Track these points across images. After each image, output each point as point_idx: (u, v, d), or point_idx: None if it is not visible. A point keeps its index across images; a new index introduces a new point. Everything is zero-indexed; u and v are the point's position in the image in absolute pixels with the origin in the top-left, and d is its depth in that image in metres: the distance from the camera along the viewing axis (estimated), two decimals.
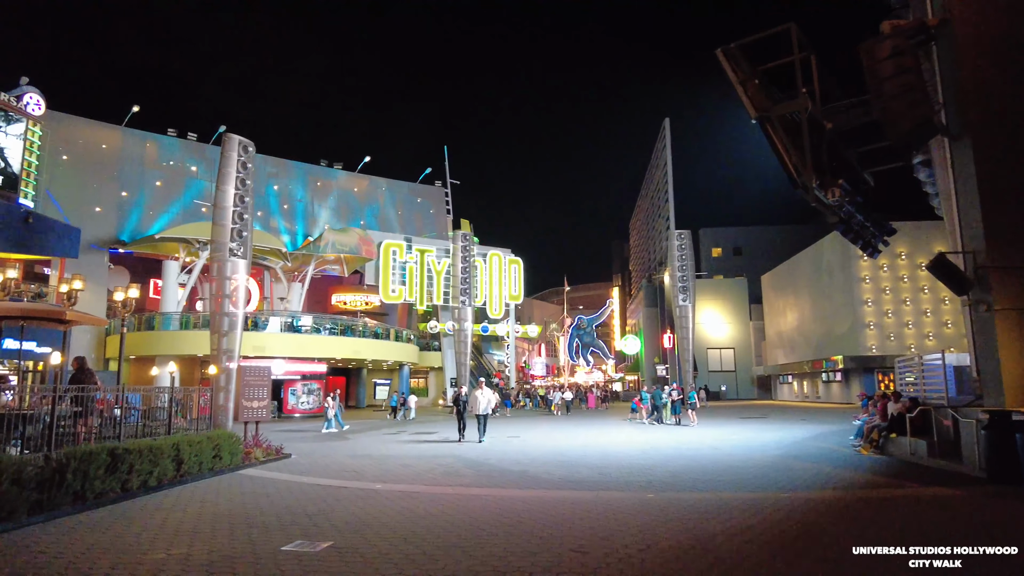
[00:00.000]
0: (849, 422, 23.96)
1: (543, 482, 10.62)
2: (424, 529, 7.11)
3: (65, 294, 14.33)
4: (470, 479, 11.06)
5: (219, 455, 11.30)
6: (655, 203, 66.39)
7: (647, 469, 12.00)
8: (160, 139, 46.58)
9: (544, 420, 29.77)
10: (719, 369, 62.43)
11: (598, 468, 12.21)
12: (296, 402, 34.84)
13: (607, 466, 12.48)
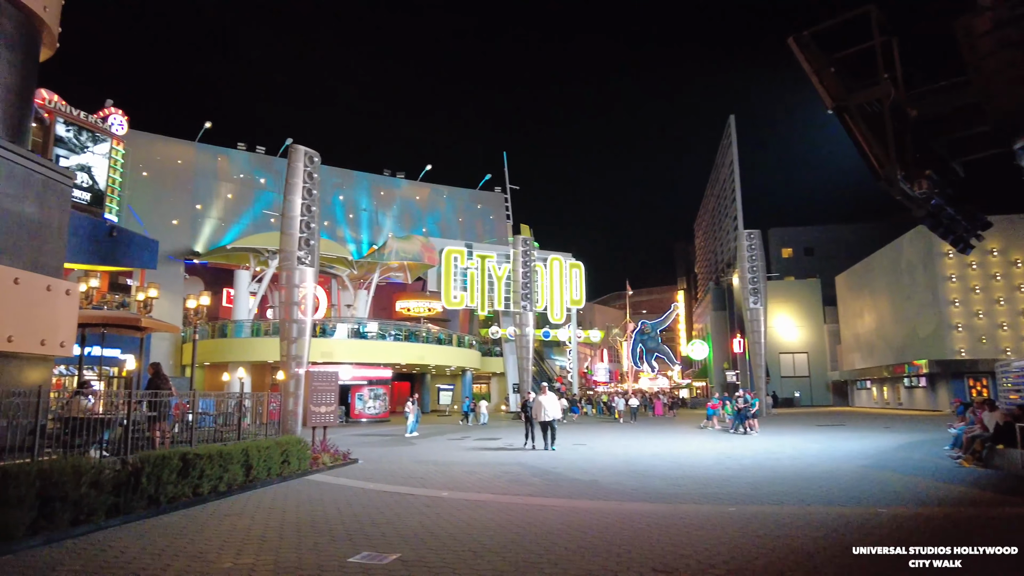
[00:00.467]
0: (940, 431, 22.38)
1: (614, 493, 10.16)
2: (495, 542, 6.79)
3: (141, 302, 14.82)
4: (538, 488, 10.70)
5: (287, 460, 11.34)
6: (721, 203, 64.56)
7: (724, 480, 11.35)
8: (230, 153, 48.43)
9: (609, 428, 29.03)
10: (792, 374, 59.98)
11: (672, 479, 11.65)
12: (363, 407, 35.30)
13: (681, 477, 11.89)
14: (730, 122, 57.40)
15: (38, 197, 9.27)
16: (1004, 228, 36.69)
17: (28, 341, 8.73)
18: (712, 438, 21.56)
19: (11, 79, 9.45)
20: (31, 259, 9.15)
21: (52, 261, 9.50)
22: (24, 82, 9.83)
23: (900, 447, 17.17)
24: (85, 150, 35.53)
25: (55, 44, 10.69)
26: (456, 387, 47.67)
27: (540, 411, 17.35)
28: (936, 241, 39.43)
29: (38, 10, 9.80)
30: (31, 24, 9.93)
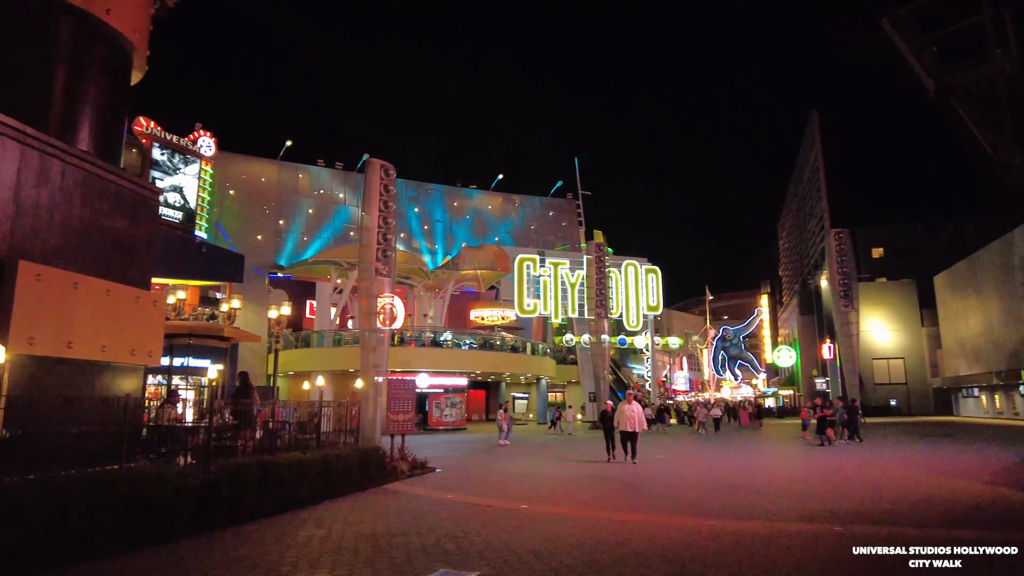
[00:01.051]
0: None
1: (703, 508, 9.49)
2: (578, 562, 6.35)
3: (225, 313, 15.29)
4: (621, 502, 10.17)
5: (366, 470, 11.29)
6: (806, 202, 61.65)
7: (825, 497, 10.43)
8: (311, 169, 50.25)
9: (690, 439, 27.77)
10: (887, 381, 56.30)
11: (764, 493, 10.83)
12: (440, 415, 35.52)
13: (775, 491, 11.05)
14: (812, 118, 54.77)
15: (129, 213, 9.62)
16: None
17: (119, 351, 9.03)
18: (806, 450, 20.25)
19: (103, 100, 9.88)
20: (121, 272, 9.49)
21: (140, 274, 9.83)
22: (115, 103, 10.28)
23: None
24: (177, 171, 37.57)
25: (144, 67, 11.15)
26: (531, 395, 47.37)
27: (623, 421, 16.07)
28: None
29: (128, 34, 10.22)
30: (122, 47, 10.37)
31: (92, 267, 8.87)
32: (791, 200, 72.37)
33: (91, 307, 8.56)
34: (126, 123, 10.97)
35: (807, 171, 58.74)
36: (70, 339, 8.21)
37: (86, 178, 8.94)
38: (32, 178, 8.12)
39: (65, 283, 8.24)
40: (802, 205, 64.01)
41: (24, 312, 7.58)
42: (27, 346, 7.60)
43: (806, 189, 60.73)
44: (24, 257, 7.80)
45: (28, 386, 7.64)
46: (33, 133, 8.12)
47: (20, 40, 8.93)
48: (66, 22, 9.31)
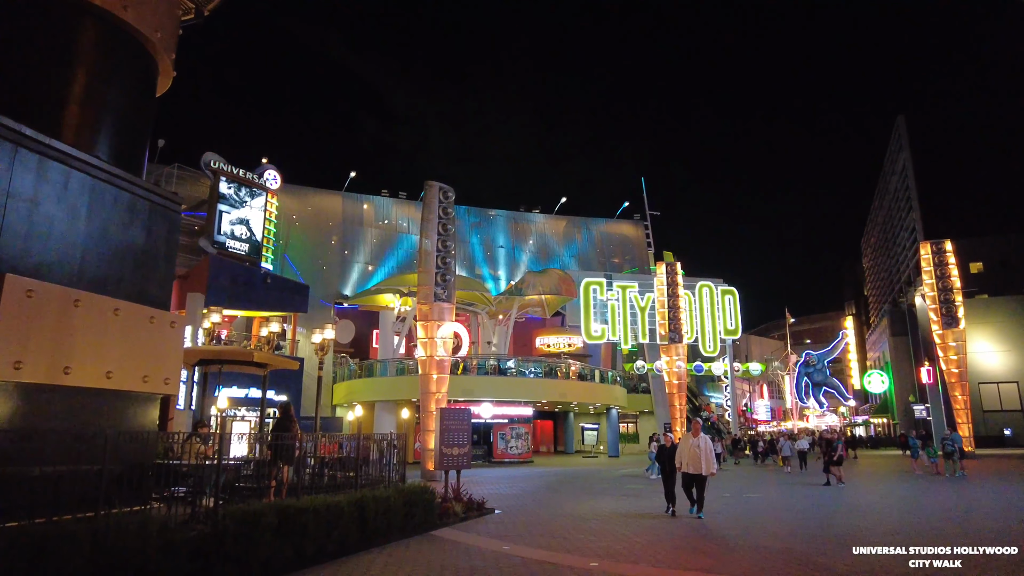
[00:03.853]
0: None
1: (822, 569, 7.51)
2: None
3: (264, 339, 14.38)
4: (714, 559, 8.28)
5: (411, 512, 9.84)
6: (894, 214, 57.36)
7: (969, 550, 8.22)
8: (375, 200, 50.43)
9: (774, 476, 24.47)
10: (998, 408, 50.79)
11: (891, 542, 8.67)
12: (505, 447, 33.93)
13: (904, 540, 8.86)
14: (899, 122, 51.05)
15: (145, 224, 8.73)
16: None
17: (129, 377, 8.02)
18: (919, 487, 17.48)
19: (121, 104, 9.11)
20: (136, 289, 8.55)
21: (158, 291, 8.87)
22: (136, 108, 9.51)
23: None
24: (244, 205, 38.10)
25: (171, 73, 10.42)
26: (601, 426, 45.12)
27: (685, 459, 11.93)
28: None
29: (151, 36, 9.48)
30: (144, 50, 9.65)
31: (98, 283, 7.94)
32: (876, 214, 67.80)
33: (95, 328, 7.59)
34: (150, 131, 10.16)
35: (894, 181, 54.70)
36: (68, 363, 7.22)
37: (95, 185, 8.08)
38: (28, 182, 7.28)
39: (63, 300, 7.29)
40: (889, 218, 59.62)
41: (9, 332, 6.63)
42: (12, 371, 6.62)
43: (893, 200, 56.52)
44: (13, 270, 6.90)
45: (12, 418, 6.63)
46: (31, 134, 7.29)
47: (28, 36, 8.21)
48: (80, 18, 8.59)
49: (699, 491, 11.83)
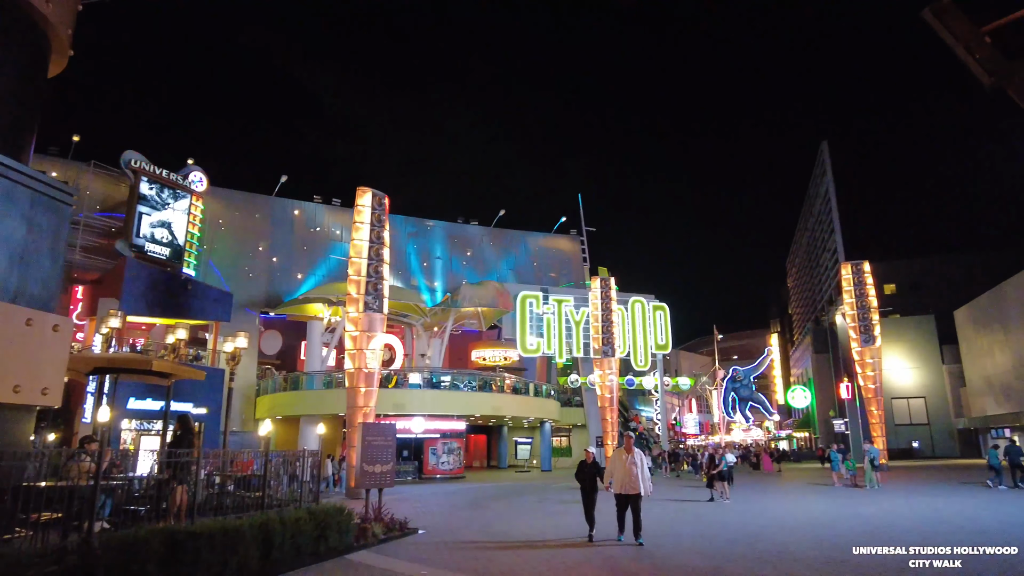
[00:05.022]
0: None
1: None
2: None
3: (170, 346, 13.35)
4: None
5: (324, 535, 9.14)
6: (817, 236, 59.92)
7: (896, 566, 8.21)
8: (306, 206, 48.80)
9: (700, 488, 24.27)
10: (907, 422, 53.65)
11: (819, 565, 8.58)
12: (437, 462, 33.14)
13: (832, 561, 8.79)
14: (823, 148, 53.47)
15: (24, 215, 7.79)
16: None
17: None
18: (841, 500, 17.86)
19: (1, 80, 8.15)
20: (14, 288, 7.59)
21: (41, 291, 7.93)
22: (20, 86, 8.55)
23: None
24: (166, 207, 36.11)
25: (67, 51, 9.48)
26: (535, 440, 44.87)
27: (618, 478, 10.72)
28: None
29: (41, 6, 8.56)
30: (30, 20, 8.70)
31: None
32: (801, 236, 70.76)
33: None
34: (38, 113, 9.18)
35: (818, 204, 57.21)
36: None
37: None
38: None
39: None
40: (813, 240, 62.28)
41: None
42: None
43: (817, 223, 59.10)
44: None
45: None
46: None
47: None
48: None
49: (635, 513, 10.66)
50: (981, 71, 13.22)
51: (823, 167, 52.26)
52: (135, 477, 8.35)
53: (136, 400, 25.65)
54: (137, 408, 25.57)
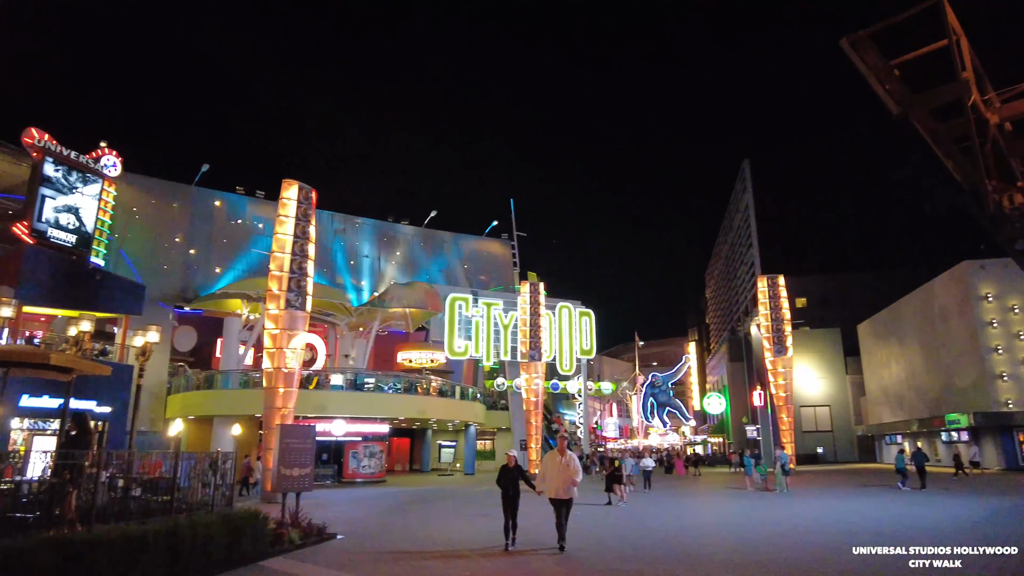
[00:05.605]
0: (1014, 493, 19.47)
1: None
2: None
3: (72, 339, 12.46)
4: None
5: (237, 542, 8.71)
6: (736, 249, 62.51)
7: (805, 566, 8.60)
8: (229, 197, 46.87)
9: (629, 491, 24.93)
10: (814, 429, 56.66)
11: (735, 567, 8.90)
12: (357, 466, 32.40)
13: (746, 563, 9.14)
14: (744, 166, 55.90)
15: None
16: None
17: None
18: (753, 503, 18.63)
19: None
20: None
21: None
22: None
23: (991, 515, 14.28)
24: (74, 191, 33.76)
25: None
26: (459, 443, 44.64)
27: (553, 481, 10.23)
28: (974, 283, 36.96)
29: None
30: None
31: None
32: (720, 248, 73.66)
33: None
34: None
35: (738, 219, 59.71)
36: None
37: None
38: None
39: None
40: (732, 252, 64.95)
41: None
42: None
43: (736, 237, 61.67)
44: None
45: None
46: None
47: None
48: None
49: (564, 517, 10.28)
50: (890, 101, 14.08)
51: (744, 184, 54.66)
52: (23, 481, 7.68)
53: (30, 397, 23.77)
54: (31, 406, 23.70)
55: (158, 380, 37.24)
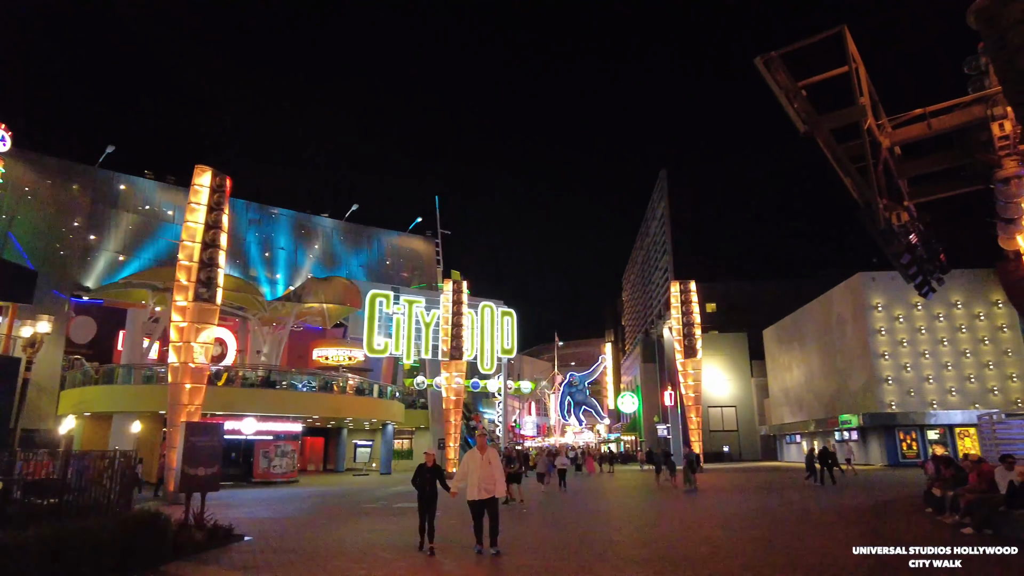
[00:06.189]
0: (905, 490, 21.06)
1: None
2: None
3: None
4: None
5: (134, 546, 8.26)
6: (651, 255, 64.64)
7: (713, 560, 9.05)
8: (136, 181, 44.29)
9: (535, 490, 23.89)
10: (721, 428, 59.36)
11: (647, 563, 9.24)
12: (268, 465, 31.35)
13: (658, 558, 9.50)
14: (662, 176, 57.87)
15: None
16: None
17: None
18: (663, 500, 19.33)
19: None
20: None
21: None
22: None
23: (874, 508, 15.47)
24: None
25: None
26: (375, 442, 43.96)
27: (476, 481, 9.73)
28: (866, 294, 39.77)
29: None
30: None
31: None
32: (637, 253, 75.97)
33: None
34: None
35: (654, 226, 61.75)
36: None
37: None
38: None
39: None
40: (648, 257, 67.15)
41: None
42: None
43: (652, 243, 63.80)
44: None
45: None
46: None
47: None
48: None
49: (493, 518, 9.77)
50: (798, 119, 14.95)
51: (662, 192, 56.65)
52: None
53: None
54: None
55: (49, 374, 34.81)
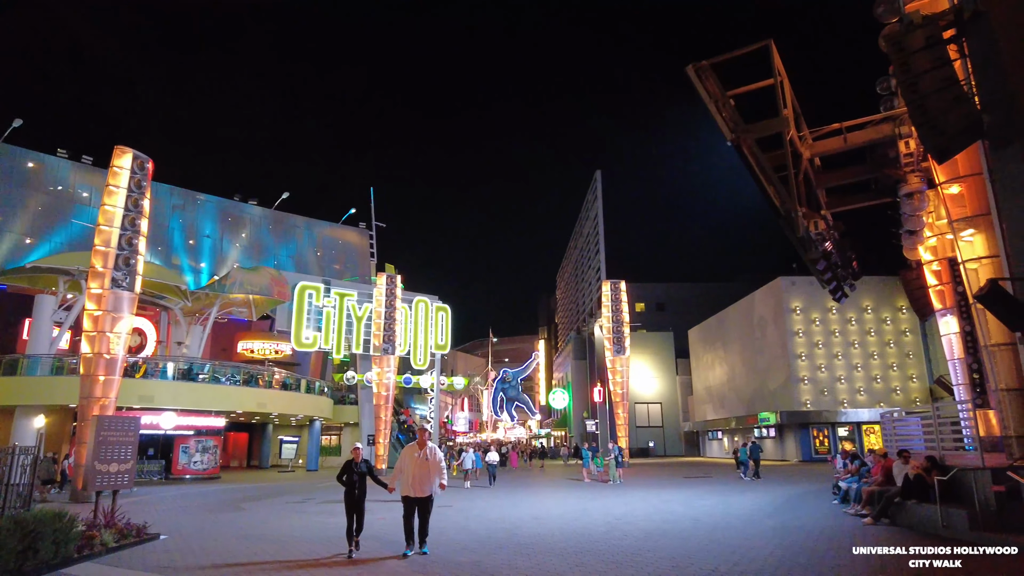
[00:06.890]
0: (809, 482, 22.26)
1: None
2: None
3: None
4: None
5: (34, 548, 7.78)
6: (584, 254, 65.67)
7: (635, 553, 9.33)
8: (47, 159, 41.58)
9: (459, 486, 23.79)
10: (647, 424, 60.99)
11: (568, 554, 9.43)
12: (188, 462, 30.12)
13: (581, 551, 9.71)
14: (596, 177, 58.85)
15: None
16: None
17: None
18: (589, 494, 19.73)
19: None
20: None
21: None
22: None
23: (788, 502, 16.28)
24: None
25: None
26: (302, 438, 42.90)
27: (410, 478, 9.31)
28: (786, 297, 41.74)
29: None
30: None
31: None
32: (572, 252, 77.01)
33: None
34: None
35: (588, 226, 62.75)
36: None
37: None
38: None
39: None
40: (581, 257, 68.19)
41: None
42: None
43: (586, 242, 64.82)
44: None
45: None
46: None
47: None
48: None
49: (424, 518, 9.41)
50: (725, 128, 15.46)
51: (596, 193, 57.61)
52: None
53: None
54: None
55: None
